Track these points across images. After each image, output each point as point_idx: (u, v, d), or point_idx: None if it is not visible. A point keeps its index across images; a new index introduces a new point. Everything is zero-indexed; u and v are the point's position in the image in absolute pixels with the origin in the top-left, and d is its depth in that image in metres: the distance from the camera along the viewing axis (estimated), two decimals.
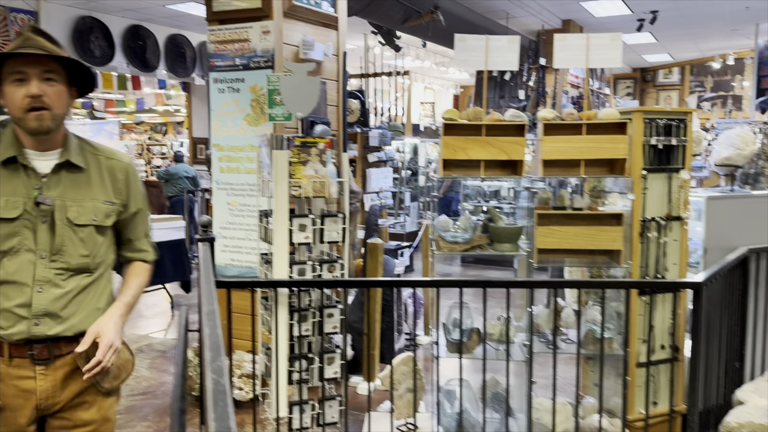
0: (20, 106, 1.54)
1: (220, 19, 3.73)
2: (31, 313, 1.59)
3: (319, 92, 2.69)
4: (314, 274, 2.66)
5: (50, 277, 1.61)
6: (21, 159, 1.60)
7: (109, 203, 1.70)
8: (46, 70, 1.56)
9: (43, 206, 1.59)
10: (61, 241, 1.61)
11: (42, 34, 1.59)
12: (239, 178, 3.81)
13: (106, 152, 1.75)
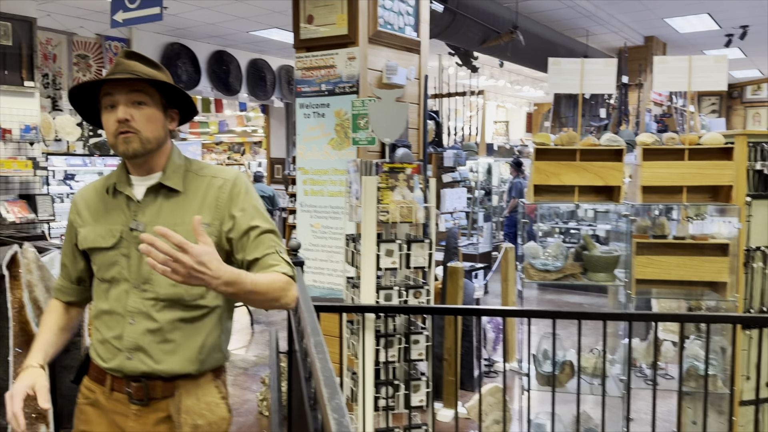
0: (111, 131, 1.51)
1: (307, 46, 3.82)
2: (124, 346, 1.53)
3: (406, 118, 2.69)
4: (400, 300, 2.64)
5: (141, 308, 1.53)
6: (119, 186, 1.58)
7: (206, 225, 1.52)
8: (135, 92, 1.50)
9: (135, 232, 1.53)
10: (148, 269, 1.50)
11: (136, 57, 1.54)
12: (322, 201, 3.86)
13: (211, 171, 1.62)
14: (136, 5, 4.13)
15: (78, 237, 1.62)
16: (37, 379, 1.51)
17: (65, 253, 1.70)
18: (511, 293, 4.81)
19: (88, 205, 1.63)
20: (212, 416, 1.59)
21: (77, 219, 1.64)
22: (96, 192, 1.64)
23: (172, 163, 1.59)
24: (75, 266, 1.68)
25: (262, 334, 6.08)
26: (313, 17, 3.76)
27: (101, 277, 1.59)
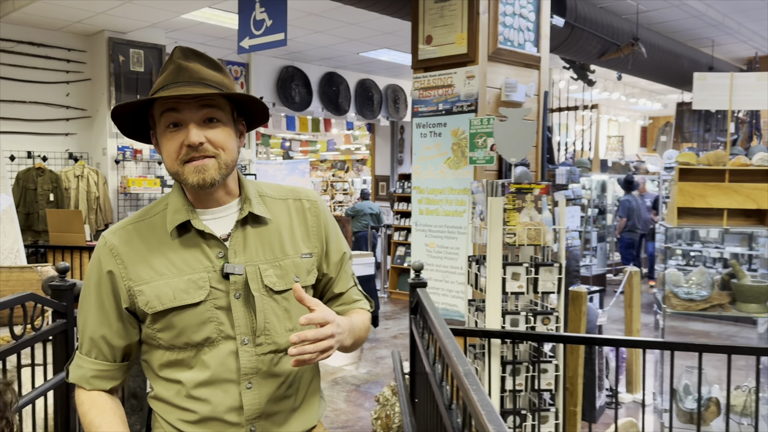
0: (175, 157, 1.20)
1: (425, 66, 3.83)
2: (244, 419, 1.24)
3: (534, 137, 2.61)
4: (527, 326, 2.54)
5: (260, 366, 1.25)
6: (195, 223, 1.24)
7: (308, 255, 1.32)
8: (207, 106, 1.20)
9: (233, 277, 1.23)
10: (263, 318, 1.24)
11: (196, 56, 1.24)
12: (437, 220, 3.84)
13: (288, 192, 1.36)
14: (262, 32, 4.33)
15: (139, 299, 1.22)
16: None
17: (102, 323, 1.26)
18: (636, 320, 4.54)
19: (138, 254, 1.24)
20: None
21: (127, 274, 1.24)
22: (145, 234, 1.26)
23: (249, 189, 1.30)
24: (127, 336, 1.27)
25: (371, 351, 6.12)
26: (432, 37, 3.76)
27: (184, 343, 1.23)
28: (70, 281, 2.57)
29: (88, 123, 7.02)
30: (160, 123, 1.22)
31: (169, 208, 1.26)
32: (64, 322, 2.54)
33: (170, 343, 1.24)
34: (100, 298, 1.26)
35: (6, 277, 4.65)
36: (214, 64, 1.25)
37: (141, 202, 7.07)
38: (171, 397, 1.26)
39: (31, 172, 6.29)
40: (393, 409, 3.88)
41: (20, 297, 2.21)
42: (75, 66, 6.88)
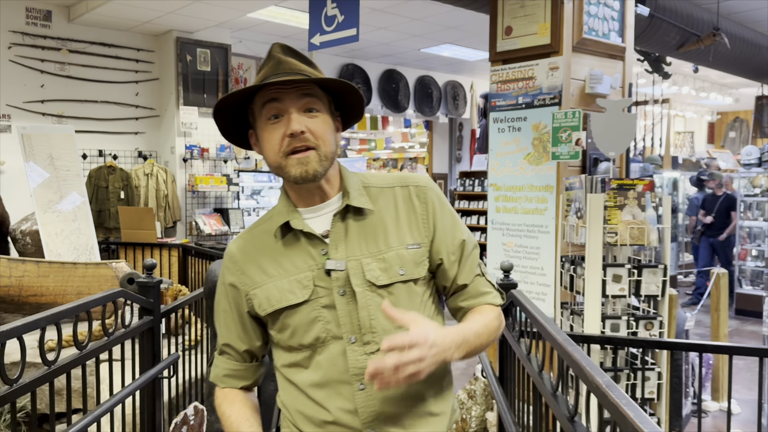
0: (278, 149, 1.17)
1: (503, 59, 3.70)
2: (361, 422, 1.17)
3: (634, 130, 2.45)
4: (629, 331, 2.39)
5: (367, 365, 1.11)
6: (294, 223, 1.21)
7: (416, 246, 1.22)
8: (307, 96, 1.17)
9: (334, 274, 1.18)
10: (368, 314, 1.18)
11: (293, 52, 1.22)
12: (515, 219, 3.69)
13: (395, 180, 1.28)
14: (333, 28, 4.27)
15: (254, 302, 1.24)
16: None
17: (229, 328, 1.30)
18: (723, 324, 4.28)
19: (253, 259, 1.25)
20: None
21: (243, 280, 1.25)
22: (257, 239, 1.27)
23: (351, 181, 1.25)
24: (249, 341, 1.30)
25: None
26: (512, 28, 3.62)
27: (298, 344, 1.21)
28: (156, 278, 2.56)
29: (157, 122, 7.15)
30: (261, 116, 1.20)
31: (276, 212, 1.27)
32: (151, 320, 2.53)
33: (287, 344, 1.24)
34: (227, 305, 1.30)
35: (82, 272, 4.76)
36: (309, 61, 1.23)
37: (207, 200, 7.16)
38: (293, 399, 1.25)
39: (102, 170, 6.44)
40: (469, 413, 3.77)
41: (112, 294, 2.21)
42: (144, 66, 7.02)
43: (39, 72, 6.32)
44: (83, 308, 2.00)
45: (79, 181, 5.43)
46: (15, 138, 5.57)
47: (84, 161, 6.58)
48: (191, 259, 5.67)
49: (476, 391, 3.78)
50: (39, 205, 5.09)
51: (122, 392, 2.20)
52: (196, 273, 5.54)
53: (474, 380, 3.87)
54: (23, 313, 4.76)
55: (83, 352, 2.00)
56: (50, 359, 1.79)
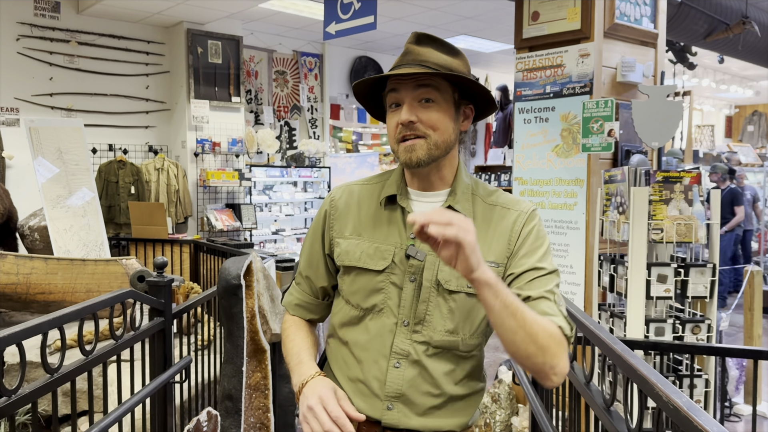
0: (393, 135, 1.27)
1: (530, 45, 3.52)
2: (385, 393, 1.26)
3: (680, 119, 2.27)
4: (674, 335, 2.21)
5: (411, 351, 1.25)
6: (400, 199, 1.29)
7: (493, 264, 1.25)
8: (423, 86, 1.22)
9: (413, 260, 1.24)
10: (425, 308, 1.25)
11: (428, 40, 1.26)
12: (543, 214, 3.51)
13: (504, 201, 1.30)
14: (350, 15, 4.11)
15: (335, 249, 1.33)
16: (335, 386, 1.25)
17: (309, 263, 1.40)
18: (757, 325, 4.09)
19: (351, 212, 1.34)
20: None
21: (335, 226, 1.35)
22: (362, 197, 1.35)
23: (461, 182, 1.30)
24: (323, 278, 1.39)
25: None
26: (539, 14, 3.44)
27: (356, 303, 1.30)
28: (168, 277, 2.41)
29: (168, 116, 7.02)
30: (386, 103, 1.29)
31: (388, 181, 1.34)
32: (162, 321, 2.39)
33: (347, 297, 1.33)
34: (313, 241, 1.40)
35: (92, 269, 4.63)
36: (447, 48, 1.26)
37: (219, 195, 7.02)
38: (337, 348, 1.35)
39: (112, 164, 6.32)
40: (493, 418, 3.61)
41: (120, 295, 2.06)
42: (154, 58, 6.89)
43: (48, 65, 6.20)
44: (89, 310, 1.86)
45: (88, 175, 5.31)
46: (23, 132, 5.45)
47: (94, 156, 6.47)
48: (203, 256, 5.53)
49: (501, 395, 3.61)
50: (47, 200, 4.96)
51: (132, 400, 2.06)
52: (208, 270, 5.40)
53: (498, 383, 3.71)
54: (31, 312, 4.64)
55: (89, 357, 1.86)
56: (53, 364, 1.65)
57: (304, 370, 1.28)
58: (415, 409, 1.25)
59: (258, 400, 3.17)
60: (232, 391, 2.86)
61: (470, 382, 1.30)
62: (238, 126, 7.09)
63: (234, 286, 2.78)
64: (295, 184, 8.04)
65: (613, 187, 2.44)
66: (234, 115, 7.09)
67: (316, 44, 8.36)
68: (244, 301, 2.81)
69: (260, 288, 3.14)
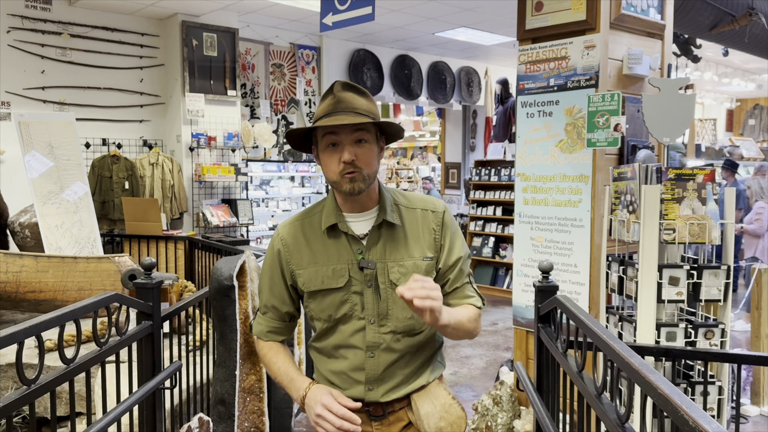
0: (335, 170, 1.49)
1: (533, 37, 3.40)
2: (365, 378, 1.56)
3: (693, 113, 2.16)
4: (686, 341, 2.11)
5: (381, 342, 1.56)
6: (341, 225, 1.55)
7: (428, 259, 1.57)
8: (358, 131, 1.48)
9: (366, 271, 1.53)
10: (386, 305, 1.54)
11: (350, 88, 1.51)
12: (546, 211, 3.41)
13: (418, 202, 1.62)
14: (347, 6, 3.99)
15: (299, 280, 1.59)
16: (329, 389, 1.51)
17: (272, 294, 1.64)
18: (765, 324, 4.00)
19: (301, 246, 1.59)
20: (450, 417, 1.60)
21: (291, 260, 1.60)
22: (305, 231, 1.60)
23: (385, 199, 1.58)
24: (288, 305, 1.65)
25: (454, 350, 5.75)
26: (543, 4, 3.33)
27: (328, 317, 1.57)
28: (156, 278, 2.31)
29: (162, 110, 6.90)
30: (322, 142, 1.51)
31: (324, 211, 1.58)
32: (150, 325, 2.28)
33: (318, 315, 1.58)
34: (272, 275, 1.63)
35: (83, 267, 4.52)
36: (364, 94, 1.53)
37: (215, 191, 6.91)
38: (321, 352, 1.63)
39: (106, 159, 6.20)
40: (494, 420, 3.51)
41: (105, 299, 1.95)
42: (148, 51, 6.76)
43: (39, 57, 6.07)
44: (70, 316, 1.75)
45: (80, 170, 5.19)
46: (14, 126, 5.33)
47: (87, 150, 6.34)
48: (198, 253, 5.43)
49: (502, 397, 3.52)
50: (38, 196, 4.85)
51: (118, 408, 1.96)
52: (202, 267, 5.30)
53: (499, 385, 3.61)
54: (21, 311, 4.54)
55: (70, 366, 1.75)
56: (33, 367, 1.55)
57: (298, 385, 1.55)
58: (390, 384, 1.57)
59: (252, 404, 3.08)
60: (224, 396, 2.76)
61: (429, 348, 1.63)
62: (234, 120, 6.97)
63: (226, 288, 2.68)
64: (292, 179, 7.93)
65: (623, 185, 2.33)
66: (230, 108, 6.97)
67: (314, 37, 8.22)
68: (237, 302, 2.71)
69: (254, 288, 3.04)
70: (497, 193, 8.18)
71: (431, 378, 1.63)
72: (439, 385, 1.64)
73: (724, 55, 6.80)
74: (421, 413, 1.58)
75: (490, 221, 8.35)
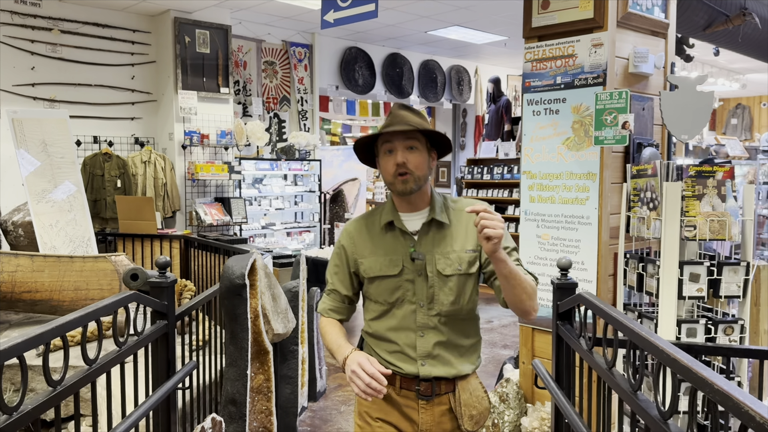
0: (390, 172, 1.76)
1: (539, 35, 3.40)
2: (417, 355, 1.78)
3: (711, 111, 2.17)
4: (706, 337, 2.12)
5: (429, 323, 1.78)
6: (397, 223, 1.81)
7: (471, 251, 1.80)
8: (409, 139, 1.74)
9: (417, 261, 1.77)
10: (433, 291, 1.77)
11: (406, 108, 1.80)
12: (552, 209, 3.42)
13: (464, 204, 1.85)
14: (349, 3, 3.96)
15: (361, 267, 1.83)
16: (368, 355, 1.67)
17: (339, 280, 1.89)
18: (763, 320, 4.04)
19: (364, 239, 1.85)
20: (481, 407, 1.86)
21: (355, 250, 1.85)
22: (368, 227, 1.86)
23: (435, 200, 1.83)
24: (349, 289, 1.89)
25: None
26: (549, 2, 3.33)
27: (384, 300, 1.81)
28: (171, 277, 2.27)
29: (154, 107, 6.81)
30: (381, 150, 1.79)
31: (384, 211, 1.85)
32: (165, 324, 2.24)
33: (375, 298, 1.83)
34: (338, 262, 1.89)
35: (80, 267, 4.45)
36: (417, 112, 1.80)
37: (208, 189, 6.84)
38: (377, 335, 1.85)
39: (98, 157, 6.11)
40: (501, 418, 3.51)
41: (124, 298, 1.91)
42: (140, 48, 6.67)
43: (29, 54, 5.96)
44: (92, 317, 1.71)
45: (74, 168, 5.10)
46: (5, 123, 5.23)
47: (78, 148, 6.24)
48: (194, 252, 5.37)
49: (509, 395, 3.52)
50: (32, 194, 4.76)
51: (137, 412, 1.92)
52: (199, 266, 5.24)
53: (505, 382, 3.61)
54: (16, 311, 4.45)
55: (93, 367, 1.72)
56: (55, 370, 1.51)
57: (343, 350, 1.74)
58: (440, 361, 1.78)
59: (261, 403, 3.05)
60: (236, 396, 2.73)
61: (471, 335, 1.86)
62: (227, 118, 6.91)
63: (238, 286, 2.64)
64: (285, 177, 7.88)
65: (642, 182, 2.34)
66: (222, 106, 6.90)
67: (306, 34, 8.18)
68: (248, 301, 2.68)
69: (262, 287, 3.01)
70: (490, 191, 8.20)
71: (473, 368, 1.86)
72: (477, 378, 1.88)
73: (715, 54, 6.88)
74: (462, 399, 1.81)
75: None
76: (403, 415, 1.81)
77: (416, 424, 1.80)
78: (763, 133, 14.10)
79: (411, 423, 1.81)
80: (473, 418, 1.83)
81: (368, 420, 1.84)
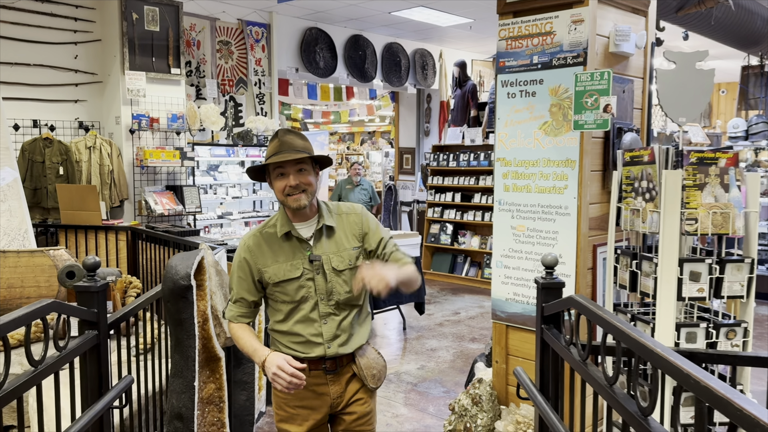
0: (282, 191, 2.02)
1: (514, 10, 3.16)
2: (324, 340, 2.06)
3: (711, 91, 1.96)
4: (707, 341, 1.92)
5: (329, 311, 2.07)
6: (293, 232, 2.07)
7: (356, 248, 2.12)
8: (299, 163, 2.00)
9: (315, 262, 2.05)
10: (331, 286, 2.07)
11: (291, 133, 2.04)
12: (528, 199, 3.20)
13: (344, 209, 2.18)
14: None
15: (265, 275, 2.06)
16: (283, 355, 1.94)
17: (245, 288, 2.10)
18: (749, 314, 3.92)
19: (264, 251, 2.08)
20: (379, 366, 2.18)
21: (258, 261, 2.07)
22: (266, 239, 2.09)
23: (324, 209, 2.12)
24: (255, 296, 2.11)
25: (418, 341, 5.53)
26: None
27: (290, 299, 2.07)
28: (101, 280, 1.95)
29: (99, 89, 6.36)
30: (273, 173, 2.05)
31: (278, 223, 2.10)
32: (96, 335, 1.93)
33: (282, 299, 2.08)
34: (241, 274, 2.10)
35: (14, 263, 4.05)
36: (302, 136, 2.06)
37: (158, 176, 6.43)
38: (284, 331, 2.09)
39: (37, 142, 5.65)
40: (474, 422, 3.30)
41: (40, 309, 1.59)
42: (84, 25, 6.19)
43: None
44: None
45: (8, 155, 4.66)
46: None
47: (15, 132, 5.76)
48: (142, 244, 4.99)
49: (482, 396, 3.30)
50: None
51: None
52: (147, 260, 4.87)
53: (478, 383, 3.40)
54: None
55: None
56: None
57: (260, 353, 1.98)
58: (341, 341, 2.07)
59: (212, 415, 2.75)
60: (182, 410, 2.42)
61: (363, 315, 2.17)
62: (179, 101, 6.50)
63: (183, 288, 2.34)
64: (242, 164, 7.50)
65: (636, 170, 2.12)
66: (174, 88, 6.49)
67: (263, 13, 7.78)
68: (195, 304, 2.37)
69: (212, 286, 2.70)
70: (456, 178, 7.99)
71: (367, 338, 2.18)
72: (369, 344, 2.19)
73: (684, 39, 6.77)
74: (362, 364, 2.12)
75: (448, 207, 8.16)
76: (315, 394, 2.09)
77: (328, 396, 2.10)
78: (721, 120, 14.25)
79: (323, 396, 2.10)
80: (375, 377, 2.15)
81: (286, 409, 2.12)
